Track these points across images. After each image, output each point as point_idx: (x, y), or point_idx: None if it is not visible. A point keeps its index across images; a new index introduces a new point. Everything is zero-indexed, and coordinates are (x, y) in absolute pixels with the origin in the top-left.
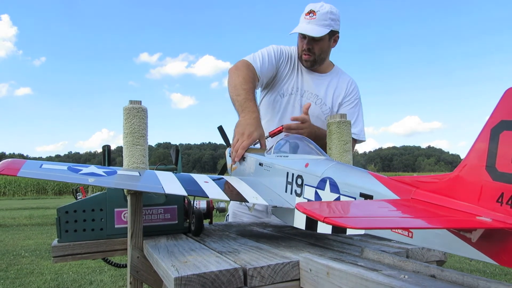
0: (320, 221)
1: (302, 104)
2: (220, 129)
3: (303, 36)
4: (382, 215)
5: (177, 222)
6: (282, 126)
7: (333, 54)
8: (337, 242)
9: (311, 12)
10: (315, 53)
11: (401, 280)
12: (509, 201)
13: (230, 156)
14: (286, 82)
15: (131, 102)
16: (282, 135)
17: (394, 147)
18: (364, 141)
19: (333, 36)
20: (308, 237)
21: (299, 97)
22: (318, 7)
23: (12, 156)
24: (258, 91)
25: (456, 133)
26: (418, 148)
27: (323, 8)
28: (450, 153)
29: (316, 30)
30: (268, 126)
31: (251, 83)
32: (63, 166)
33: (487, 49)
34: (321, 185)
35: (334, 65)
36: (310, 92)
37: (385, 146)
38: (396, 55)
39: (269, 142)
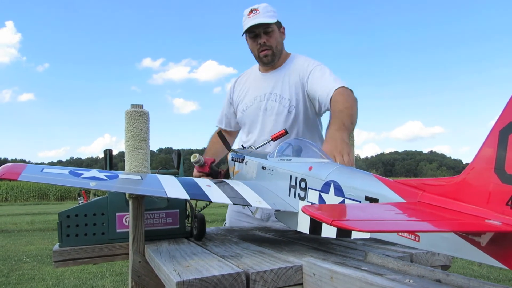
0: (328, 224)
1: (266, 107)
2: (220, 134)
3: (254, 36)
4: (389, 218)
5: (178, 226)
6: (284, 129)
7: (335, 60)
8: (340, 247)
9: (253, 10)
10: (272, 46)
11: (406, 285)
12: None
13: (232, 159)
14: (243, 101)
15: (132, 106)
16: (284, 138)
17: (396, 152)
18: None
19: (280, 27)
20: (311, 241)
21: (263, 102)
22: (258, 5)
23: (14, 161)
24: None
25: (459, 138)
26: (420, 153)
27: (261, 4)
28: (452, 158)
29: (265, 19)
30: (248, 140)
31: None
32: (65, 170)
33: (490, 54)
34: (325, 188)
35: (290, 54)
36: (270, 93)
37: (387, 151)
38: (398, 60)
39: (272, 146)
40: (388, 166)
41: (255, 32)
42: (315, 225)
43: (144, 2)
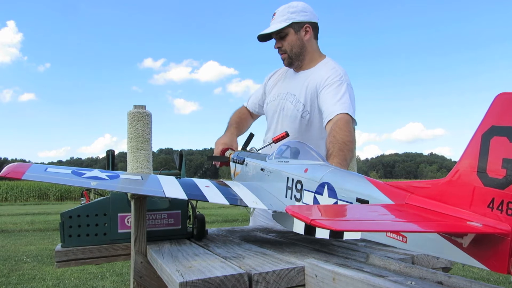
0: (307, 223)
1: (283, 107)
2: (249, 136)
3: (274, 40)
4: (372, 219)
5: (180, 227)
6: (285, 131)
7: (336, 61)
8: (342, 248)
9: (273, 14)
10: (286, 50)
11: (408, 287)
12: (499, 207)
13: (233, 161)
14: (270, 92)
15: (135, 107)
16: (286, 140)
17: (396, 154)
18: (356, 124)
19: (301, 28)
20: (313, 243)
21: (283, 101)
22: (278, 8)
23: (14, 161)
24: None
25: (459, 140)
26: (420, 155)
27: (282, 6)
28: (452, 160)
29: (271, 27)
30: (266, 139)
31: (236, 118)
32: (67, 170)
33: (492, 56)
34: (319, 190)
35: (324, 58)
36: (290, 93)
37: (387, 152)
38: (400, 62)
39: (273, 148)
40: (388, 168)
41: (270, 37)
42: (310, 226)
43: (146, 2)
